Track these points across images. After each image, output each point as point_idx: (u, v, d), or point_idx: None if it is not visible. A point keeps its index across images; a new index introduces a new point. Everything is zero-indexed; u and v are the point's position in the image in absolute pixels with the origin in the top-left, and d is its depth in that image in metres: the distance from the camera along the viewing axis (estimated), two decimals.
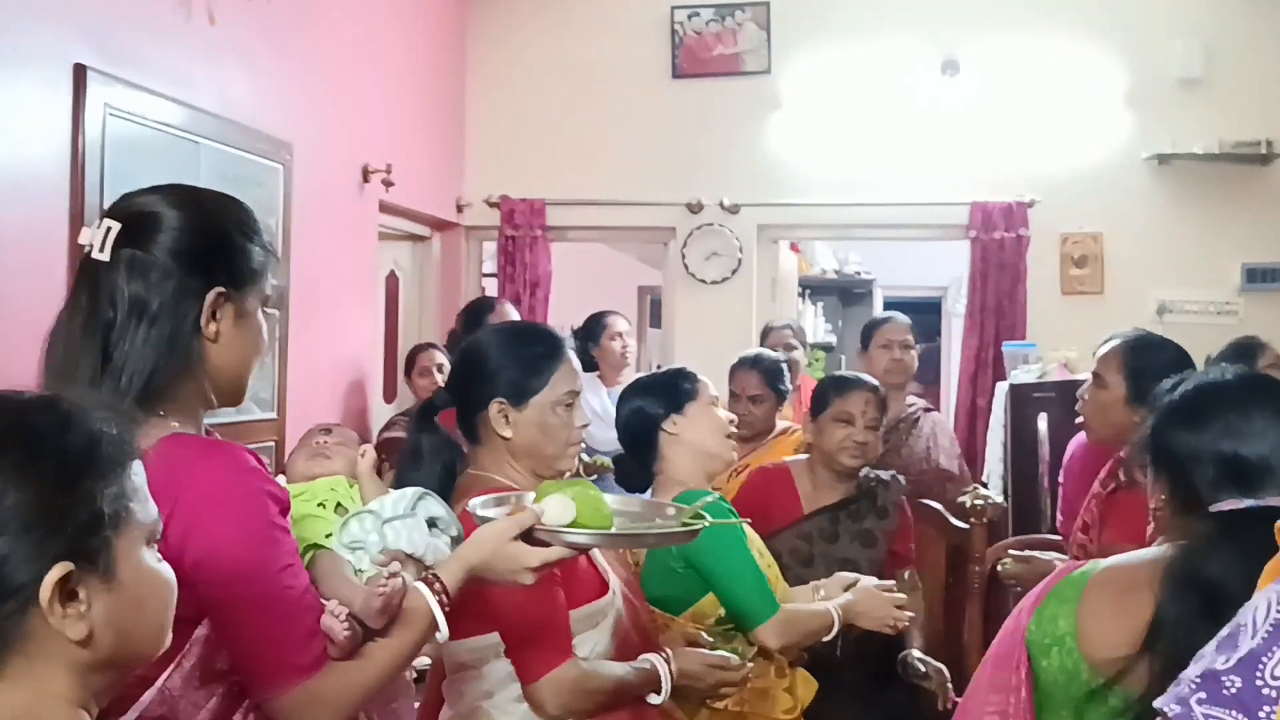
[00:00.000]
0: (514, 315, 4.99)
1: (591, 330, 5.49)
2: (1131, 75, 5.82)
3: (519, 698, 2.12)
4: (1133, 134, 5.82)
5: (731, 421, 2.99)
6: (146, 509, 1.19)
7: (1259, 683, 1.24)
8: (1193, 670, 1.32)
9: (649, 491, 2.97)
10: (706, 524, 1.97)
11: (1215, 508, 1.73)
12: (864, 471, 3.50)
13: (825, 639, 2.87)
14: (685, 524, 1.97)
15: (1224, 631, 1.30)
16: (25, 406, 1.17)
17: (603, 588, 2.27)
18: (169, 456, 1.51)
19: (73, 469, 1.12)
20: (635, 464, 3.00)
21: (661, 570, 2.76)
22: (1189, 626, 1.59)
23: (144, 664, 1.21)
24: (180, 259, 1.60)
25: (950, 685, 3.22)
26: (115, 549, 1.13)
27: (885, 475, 3.53)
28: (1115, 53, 5.83)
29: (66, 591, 1.09)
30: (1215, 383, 1.87)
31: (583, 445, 2.35)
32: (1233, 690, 1.25)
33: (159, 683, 1.51)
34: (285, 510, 1.61)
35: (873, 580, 3.05)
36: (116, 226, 1.59)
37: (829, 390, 3.56)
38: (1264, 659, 1.24)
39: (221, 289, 1.63)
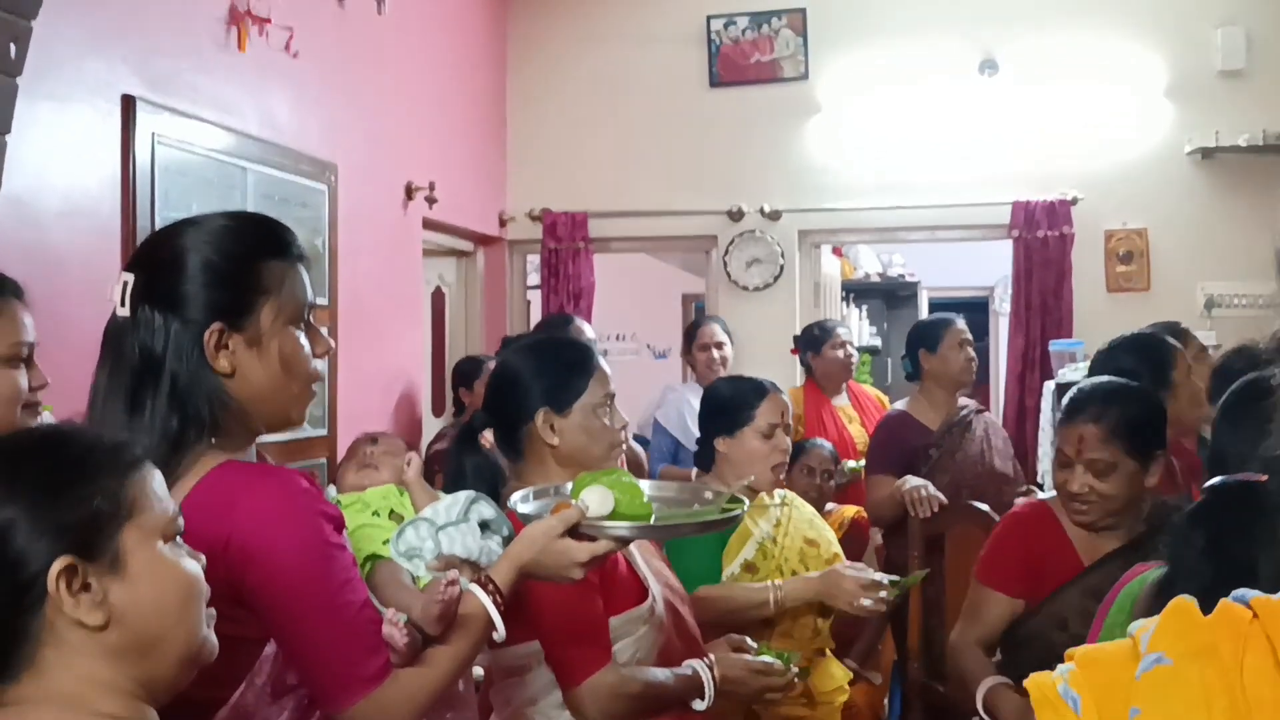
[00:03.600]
0: (589, 332, 4.90)
1: (688, 336, 5.50)
2: (1172, 68, 5.77)
3: (562, 704, 2.14)
4: (1175, 128, 5.77)
5: (784, 450, 3.03)
6: (161, 506, 1.27)
7: None
8: None
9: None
10: (746, 508, 2.01)
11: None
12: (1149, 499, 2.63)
13: (764, 616, 2.83)
14: (724, 509, 1.99)
15: None
16: (28, 433, 1.35)
17: (642, 594, 2.28)
18: (222, 484, 1.56)
19: (65, 476, 1.21)
20: (705, 447, 3.09)
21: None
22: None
23: (187, 655, 1.26)
24: (175, 303, 1.60)
25: None
26: (122, 542, 1.22)
27: (1173, 501, 2.54)
28: (1155, 45, 5.78)
29: (82, 584, 1.18)
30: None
31: (625, 445, 2.37)
32: None
33: (233, 699, 1.55)
34: (340, 528, 1.63)
35: (847, 564, 3.00)
36: (130, 279, 1.61)
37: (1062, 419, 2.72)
38: None
39: (220, 324, 1.60)
